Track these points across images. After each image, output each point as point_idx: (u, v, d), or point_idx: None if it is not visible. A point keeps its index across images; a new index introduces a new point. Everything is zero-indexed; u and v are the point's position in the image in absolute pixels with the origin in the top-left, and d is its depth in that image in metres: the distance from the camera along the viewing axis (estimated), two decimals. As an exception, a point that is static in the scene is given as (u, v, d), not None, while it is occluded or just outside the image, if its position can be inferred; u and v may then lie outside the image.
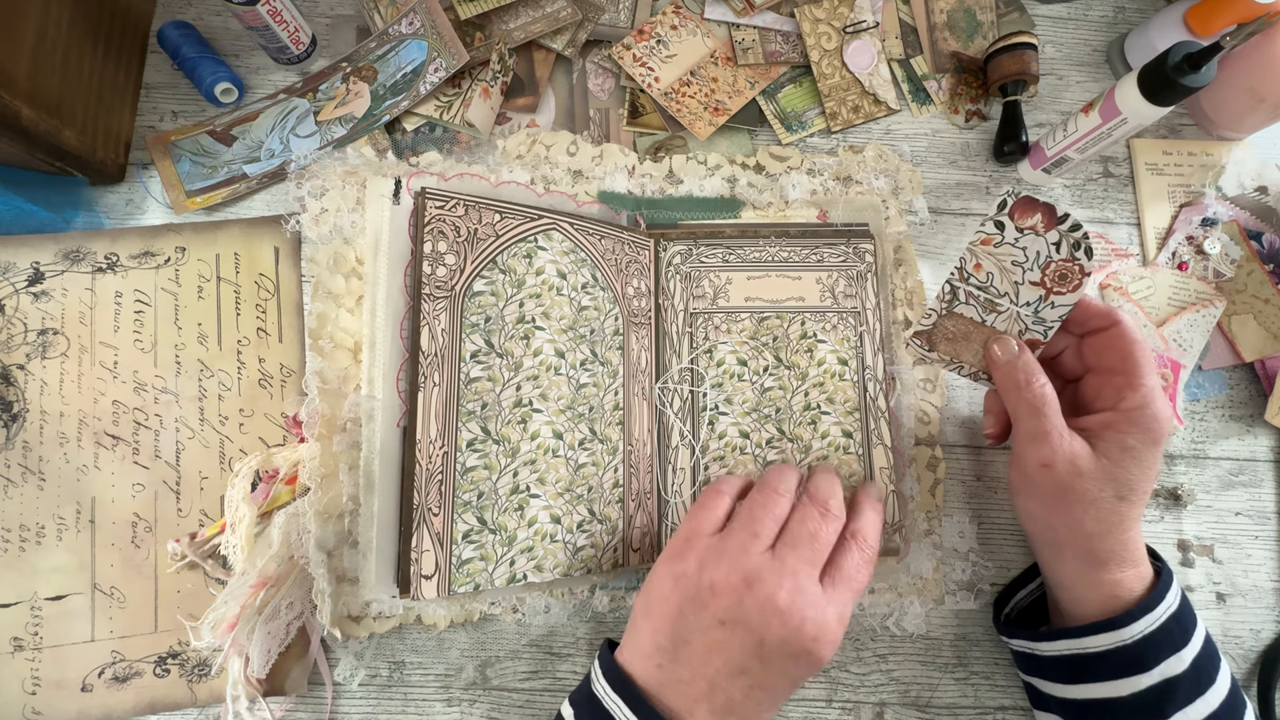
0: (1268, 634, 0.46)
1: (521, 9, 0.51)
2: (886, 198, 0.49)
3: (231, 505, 0.41)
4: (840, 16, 0.52)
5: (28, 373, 0.44)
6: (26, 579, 0.42)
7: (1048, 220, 0.37)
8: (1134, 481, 0.36)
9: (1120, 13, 0.55)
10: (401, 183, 0.43)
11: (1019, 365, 0.38)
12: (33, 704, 0.41)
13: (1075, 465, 0.36)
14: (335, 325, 0.43)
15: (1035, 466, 0.37)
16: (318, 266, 0.44)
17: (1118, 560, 0.37)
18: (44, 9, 0.42)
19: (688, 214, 0.49)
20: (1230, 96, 0.50)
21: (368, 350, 0.42)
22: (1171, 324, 0.49)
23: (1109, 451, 0.36)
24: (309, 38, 0.50)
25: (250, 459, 0.42)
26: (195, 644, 0.40)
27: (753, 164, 0.50)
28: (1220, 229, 0.50)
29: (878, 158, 0.50)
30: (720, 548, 0.34)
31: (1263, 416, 0.49)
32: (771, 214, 0.49)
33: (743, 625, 0.32)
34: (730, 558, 0.34)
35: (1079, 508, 0.36)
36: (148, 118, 0.49)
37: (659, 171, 0.49)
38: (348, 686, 0.42)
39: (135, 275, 0.46)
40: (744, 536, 0.34)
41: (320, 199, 0.45)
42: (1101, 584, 0.37)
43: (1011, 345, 0.39)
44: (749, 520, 0.35)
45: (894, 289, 0.48)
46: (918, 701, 0.44)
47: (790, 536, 0.35)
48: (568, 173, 0.48)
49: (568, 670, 0.44)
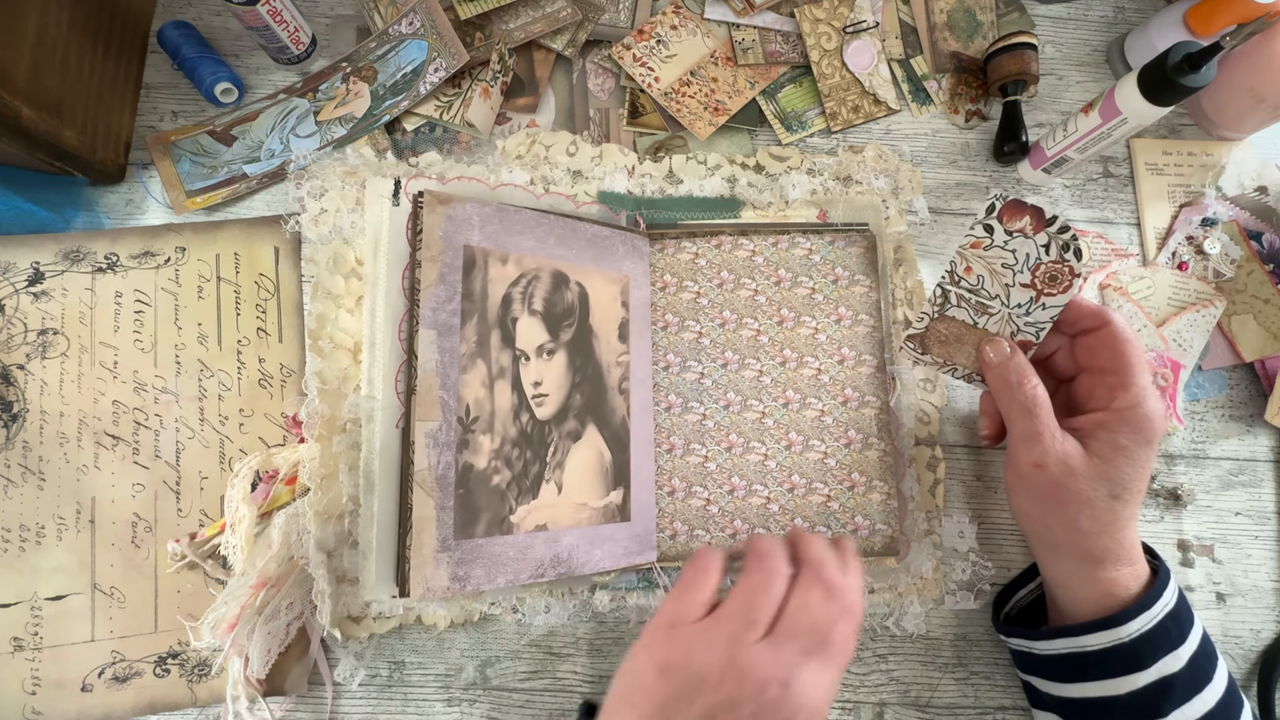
0: (1268, 634, 0.46)
1: (521, 9, 0.51)
2: (886, 198, 0.49)
3: (231, 505, 0.41)
4: (840, 16, 0.52)
5: (28, 373, 0.44)
6: (26, 579, 0.42)
7: (1036, 223, 0.37)
8: (1127, 480, 0.36)
9: (1120, 13, 0.55)
10: (401, 184, 0.43)
11: (1011, 367, 0.38)
12: (33, 704, 0.41)
13: (1068, 465, 0.36)
14: (335, 325, 0.43)
15: (1029, 467, 0.37)
16: (317, 267, 0.44)
17: (1114, 559, 0.37)
18: (44, 9, 0.42)
19: (688, 214, 0.48)
20: (1230, 96, 0.50)
21: (367, 351, 0.42)
22: (1171, 324, 0.49)
23: (1102, 451, 0.36)
24: (309, 38, 0.50)
25: (250, 459, 0.42)
26: (195, 644, 0.40)
27: (753, 164, 0.50)
28: (1220, 229, 0.50)
29: (877, 158, 0.50)
30: (710, 636, 0.31)
31: (1263, 416, 0.49)
32: (771, 214, 0.49)
33: (733, 718, 0.30)
34: (721, 649, 0.31)
35: (1073, 507, 0.37)
36: (148, 118, 0.49)
37: (659, 171, 0.49)
38: (348, 686, 0.42)
39: (135, 275, 0.46)
40: (738, 626, 0.31)
41: (320, 199, 0.45)
42: (1098, 582, 0.37)
43: (1003, 347, 0.39)
44: (745, 607, 0.32)
45: (894, 289, 0.48)
46: (918, 701, 0.44)
47: (790, 626, 0.32)
48: (567, 173, 0.48)
49: (568, 670, 0.44)
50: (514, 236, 0.43)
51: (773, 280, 0.47)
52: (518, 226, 0.43)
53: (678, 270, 0.47)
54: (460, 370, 0.40)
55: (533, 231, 0.44)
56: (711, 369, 0.46)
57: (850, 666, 0.45)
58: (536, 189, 0.47)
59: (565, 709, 0.43)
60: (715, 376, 0.46)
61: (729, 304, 0.47)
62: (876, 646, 0.45)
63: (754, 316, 0.47)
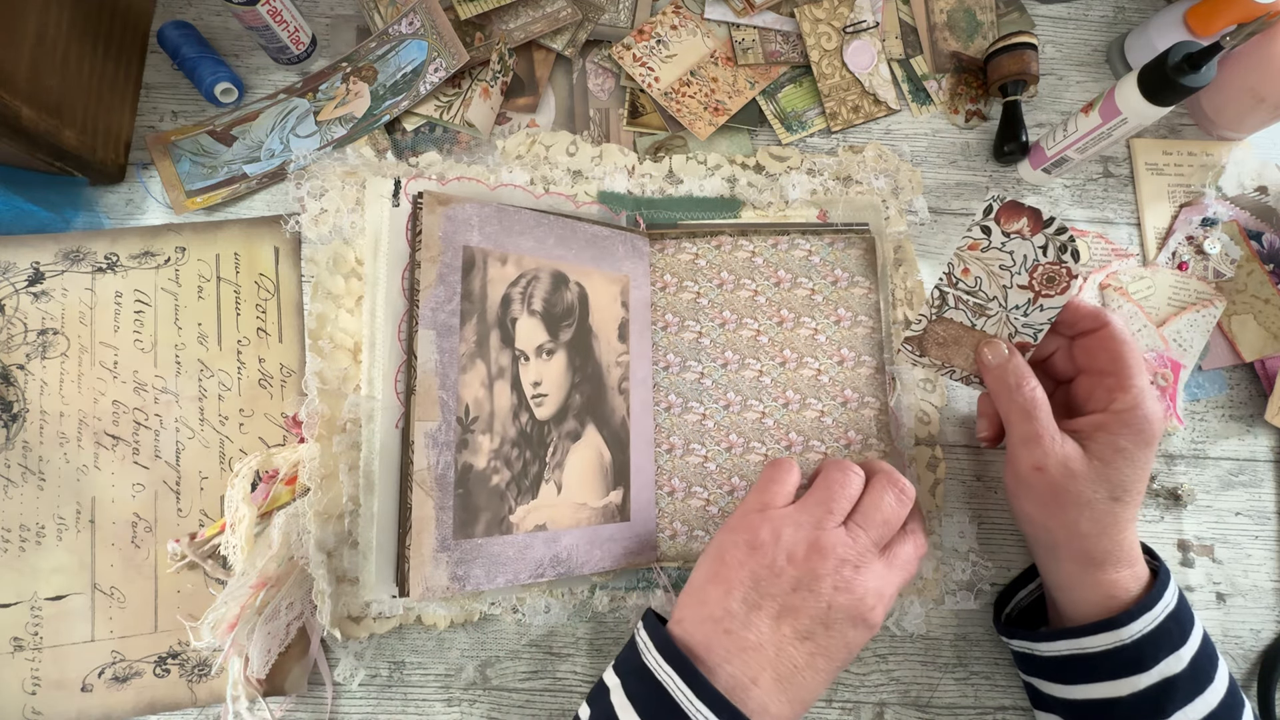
0: (1268, 634, 0.46)
1: (521, 9, 0.51)
2: (886, 198, 0.49)
3: (231, 505, 0.41)
4: (840, 16, 0.52)
5: (28, 373, 0.44)
6: (26, 579, 0.42)
7: (1034, 224, 0.37)
8: (1127, 482, 0.36)
9: (1120, 13, 0.55)
10: (401, 184, 0.43)
11: (1009, 369, 0.38)
12: (33, 704, 0.41)
13: (1068, 467, 0.36)
14: (335, 325, 0.43)
15: (1028, 469, 0.37)
16: (317, 267, 0.44)
17: (1114, 560, 0.37)
18: (44, 9, 0.42)
19: (687, 214, 0.48)
20: (1230, 96, 0.50)
21: (367, 351, 0.42)
22: (1171, 324, 0.49)
23: (1101, 453, 0.36)
24: (309, 38, 0.50)
25: (250, 459, 0.42)
26: (195, 644, 0.40)
27: (752, 164, 0.50)
28: (1220, 229, 0.50)
29: (877, 158, 0.50)
30: (796, 519, 0.35)
31: (1263, 416, 0.48)
32: (771, 214, 0.49)
33: (814, 593, 0.34)
34: (806, 530, 0.35)
35: (1073, 509, 0.37)
36: (148, 118, 0.49)
37: (659, 171, 0.49)
38: (348, 686, 0.42)
39: (135, 275, 0.46)
40: (820, 512, 0.36)
41: (320, 199, 0.45)
42: (1099, 584, 0.37)
43: (1001, 349, 0.39)
44: (825, 497, 0.36)
45: (894, 289, 0.48)
46: (918, 701, 0.44)
47: (865, 516, 0.36)
48: (567, 173, 0.48)
49: (568, 670, 0.44)
50: (513, 237, 0.43)
51: (772, 281, 0.47)
52: (517, 227, 0.43)
53: (678, 270, 0.47)
54: (460, 370, 0.40)
55: (532, 232, 0.44)
56: (711, 369, 0.46)
57: (850, 666, 0.45)
58: (536, 189, 0.47)
59: (565, 709, 0.43)
60: (715, 376, 0.46)
61: (729, 304, 0.47)
62: (876, 646, 0.45)
63: (754, 317, 0.47)
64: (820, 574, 0.34)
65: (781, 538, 0.35)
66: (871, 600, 0.34)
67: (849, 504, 0.36)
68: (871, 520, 0.36)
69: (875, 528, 0.36)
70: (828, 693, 0.44)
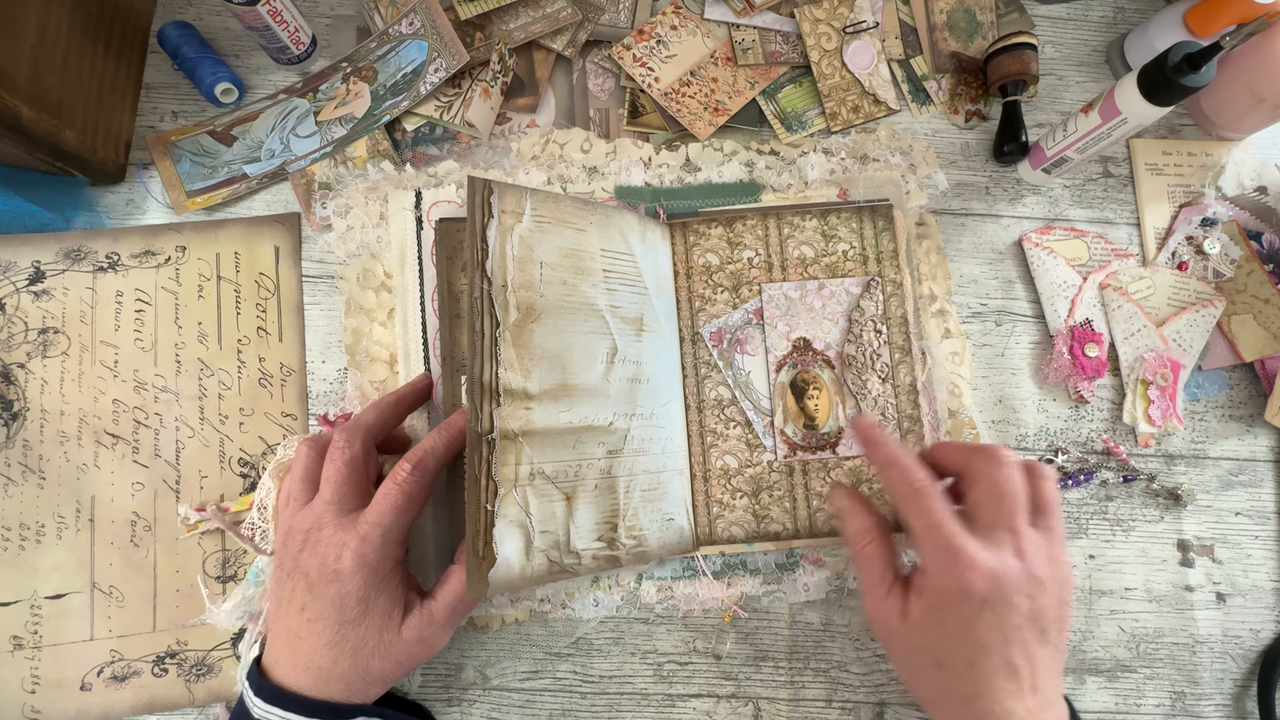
0: (1268, 634, 0.46)
1: (521, 9, 0.51)
2: (905, 173, 0.50)
3: (264, 486, 0.41)
4: (840, 17, 0.52)
5: (28, 371, 0.44)
6: (26, 578, 0.42)
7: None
8: (941, 650, 0.31)
9: (1120, 13, 0.55)
10: (422, 195, 0.45)
11: (847, 504, 0.37)
12: (32, 703, 0.41)
13: (887, 626, 0.33)
14: (370, 339, 0.45)
15: (869, 621, 0.35)
16: (348, 283, 0.45)
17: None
18: (44, 9, 0.42)
19: (707, 201, 0.49)
20: (1230, 96, 0.50)
21: (403, 362, 0.44)
22: (1171, 324, 0.49)
23: (916, 612, 0.32)
24: (309, 38, 0.50)
25: (293, 439, 0.42)
26: (212, 622, 0.40)
27: (768, 149, 0.50)
28: (1220, 229, 0.50)
29: (890, 136, 0.51)
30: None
31: (1263, 416, 0.48)
32: (792, 195, 0.49)
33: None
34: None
35: (905, 672, 0.34)
36: (148, 118, 0.49)
37: (675, 161, 0.50)
38: (347, 686, 0.42)
39: (136, 274, 0.46)
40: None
41: (345, 217, 0.46)
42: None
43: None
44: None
45: (919, 263, 0.48)
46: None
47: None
48: (583, 170, 0.49)
49: (567, 670, 0.44)
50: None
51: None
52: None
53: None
54: None
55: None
56: None
57: (850, 666, 0.45)
58: (554, 189, 0.47)
59: (565, 709, 0.43)
60: None
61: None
62: (877, 646, 0.45)
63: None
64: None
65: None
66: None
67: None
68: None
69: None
70: (827, 693, 0.44)
